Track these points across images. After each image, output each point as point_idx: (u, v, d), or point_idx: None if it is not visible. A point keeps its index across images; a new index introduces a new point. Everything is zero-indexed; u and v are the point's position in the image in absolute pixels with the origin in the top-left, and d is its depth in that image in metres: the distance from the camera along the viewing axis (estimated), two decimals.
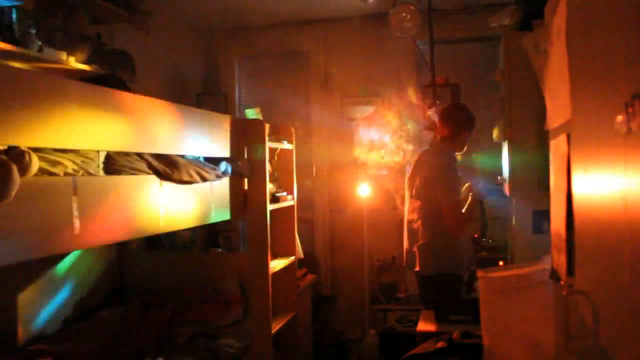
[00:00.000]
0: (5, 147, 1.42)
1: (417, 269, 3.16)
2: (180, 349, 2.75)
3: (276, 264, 3.19)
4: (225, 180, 2.69)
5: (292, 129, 3.55)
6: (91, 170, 1.76)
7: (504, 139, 2.75)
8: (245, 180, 2.92)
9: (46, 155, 1.56)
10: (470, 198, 3.13)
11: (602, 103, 0.92)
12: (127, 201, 1.93)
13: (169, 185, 2.18)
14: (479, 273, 1.86)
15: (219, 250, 3.93)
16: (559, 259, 1.33)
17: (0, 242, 1.41)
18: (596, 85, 0.98)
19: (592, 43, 1.02)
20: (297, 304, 3.50)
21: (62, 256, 2.98)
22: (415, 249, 3.15)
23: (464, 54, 4.35)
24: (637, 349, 0.75)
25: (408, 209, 3.30)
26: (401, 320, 3.68)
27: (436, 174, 3.10)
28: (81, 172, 1.69)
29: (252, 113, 3.42)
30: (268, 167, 3.02)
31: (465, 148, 3.26)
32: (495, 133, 3.12)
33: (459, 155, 3.28)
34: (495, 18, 2.61)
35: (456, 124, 3.19)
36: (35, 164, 1.46)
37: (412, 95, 4.24)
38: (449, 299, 2.95)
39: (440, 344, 2.25)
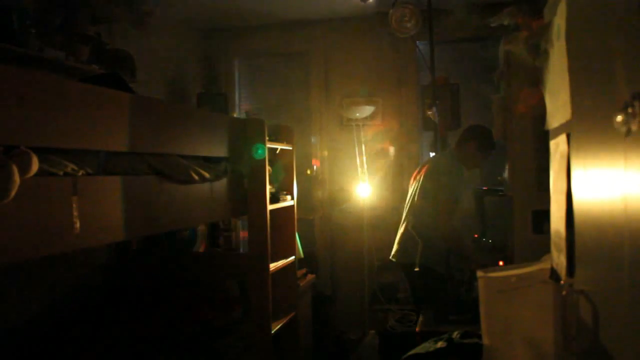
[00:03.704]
0: (5, 147, 1.42)
1: (416, 268, 3.18)
2: (180, 349, 2.75)
3: (276, 264, 3.19)
4: (225, 180, 2.69)
5: (292, 129, 3.55)
6: (91, 170, 1.76)
7: (504, 139, 2.75)
8: (245, 180, 2.92)
9: (46, 155, 1.56)
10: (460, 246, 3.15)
11: (602, 103, 0.92)
12: (127, 201, 1.93)
13: (169, 185, 2.18)
14: (479, 273, 1.86)
15: (219, 250, 3.93)
16: (559, 259, 1.33)
17: (0, 242, 1.41)
18: (596, 85, 0.99)
19: (592, 43, 1.02)
20: (297, 304, 3.50)
21: (62, 256, 2.98)
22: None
23: (464, 54, 4.35)
24: (637, 349, 0.75)
25: (407, 208, 3.34)
26: (401, 320, 3.68)
27: (435, 174, 3.17)
28: (81, 172, 1.69)
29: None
30: (268, 167, 3.02)
31: (472, 167, 3.32)
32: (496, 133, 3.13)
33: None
34: (495, 18, 2.61)
35: (463, 137, 3.28)
36: (35, 164, 1.46)
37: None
38: (449, 298, 2.96)
39: (440, 344, 2.25)
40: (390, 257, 3.42)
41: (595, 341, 0.97)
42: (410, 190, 3.40)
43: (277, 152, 3.39)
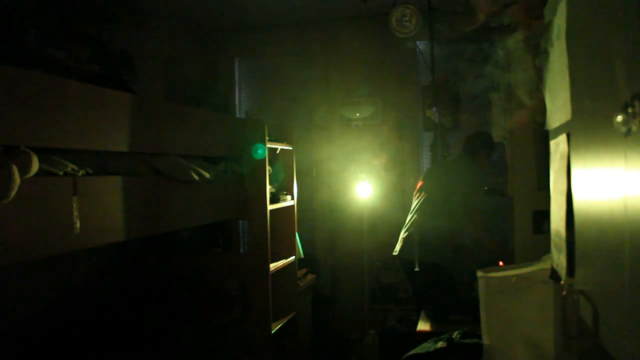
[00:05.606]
0: (5, 147, 1.42)
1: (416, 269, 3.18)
2: (180, 349, 2.75)
3: (276, 264, 3.19)
4: (225, 180, 2.69)
5: (292, 129, 3.55)
6: (91, 170, 1.76)
7: (504, 139, 2.75)
8: (245, 180, 2.93)
9: (46, 155, 1.56)
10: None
11: (602, 103, 0.92)
12: (126, 201, 1.93)
13: (169, 185, 2.18)
14: (479, 273, 1.86)
15: (219, 250, 3.94)
16: (559, 259, 1.33)
17: (0, 242, 1.41)
18: (596, 85, 0.98)
19: (592, 43, 1.02)
20: (297, 304, 3.50)
21: (62, 255, 2.98)
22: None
23: (464, 54, 4.35)
24: (637, 349, 0.75)
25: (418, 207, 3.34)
26: (401, 320, 3.68)
27: (470, 184, 3.25)
28: (81, 172, 1.70)
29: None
30: (268, 167, 3.02)
31: (483, 167, 3.39)
32: (496, 133, 3.14)
33: None
34: (495, 18, 2.61)
35: (474, 146, 3.33)
36: (35, 164, 1.46)
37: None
38: (449, 298, 2.96)
39: (440, 344, 2.25)
40: (394, 253, 3.41)
41: (595, 341, 0.97)
42: (416, 202, 3.37)
43: (277, 152, 3.39)
